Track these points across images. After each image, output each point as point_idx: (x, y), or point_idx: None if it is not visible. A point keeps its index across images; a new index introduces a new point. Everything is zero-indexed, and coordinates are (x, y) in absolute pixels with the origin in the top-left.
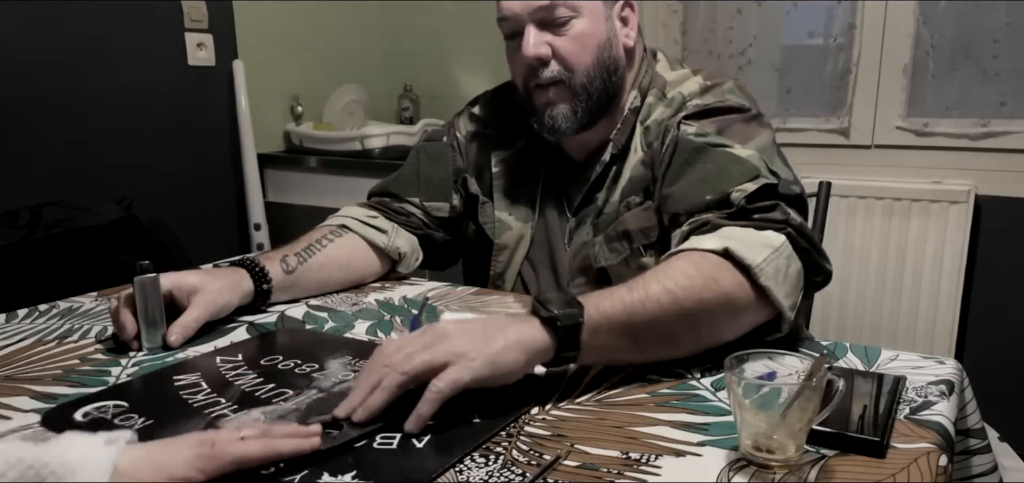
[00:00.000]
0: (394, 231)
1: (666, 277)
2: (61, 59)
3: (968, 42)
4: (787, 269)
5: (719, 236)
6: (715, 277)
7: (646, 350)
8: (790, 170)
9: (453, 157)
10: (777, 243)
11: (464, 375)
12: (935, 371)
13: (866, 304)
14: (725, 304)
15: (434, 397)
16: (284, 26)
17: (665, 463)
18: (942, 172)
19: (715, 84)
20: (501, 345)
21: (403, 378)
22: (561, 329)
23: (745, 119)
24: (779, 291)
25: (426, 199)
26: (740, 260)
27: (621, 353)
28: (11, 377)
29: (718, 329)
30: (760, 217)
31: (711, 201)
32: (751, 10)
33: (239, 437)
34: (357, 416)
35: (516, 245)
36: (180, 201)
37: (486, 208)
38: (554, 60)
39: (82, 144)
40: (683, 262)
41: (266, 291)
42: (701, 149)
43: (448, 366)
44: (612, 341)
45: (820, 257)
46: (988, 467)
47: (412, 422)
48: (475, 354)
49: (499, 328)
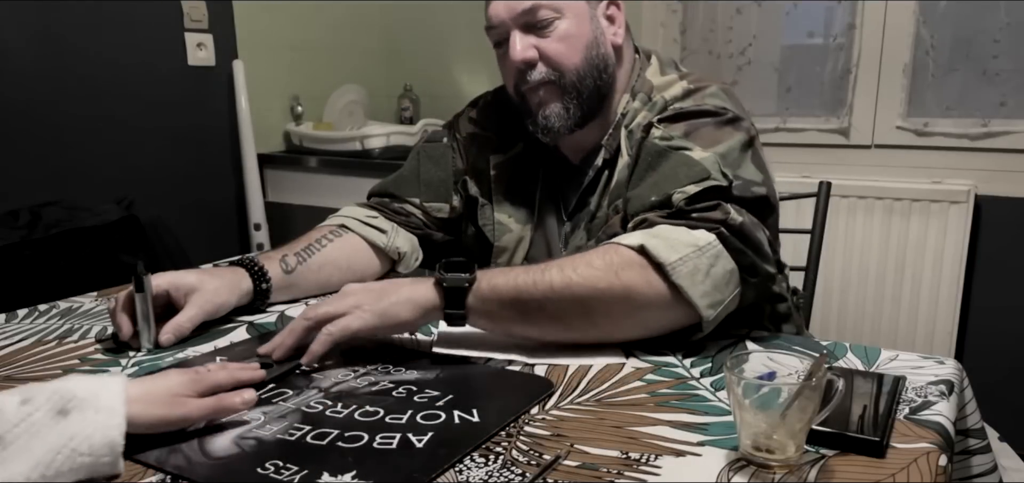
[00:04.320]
0: (394, 231)
1: (569, 265)
2: (61, 59)
3: (968, 42)
4: (709, 268)
5: (642, 234)
6: (618, 271)
7: (536, 326)
8: (762, 172)
9: (453, 158)
10: (702, 242)
11: (354, 323)
12: (935, 371)
13: (866, 304)
14: (624, 297)
15: (325, 338)
16: (284, 26)
17: (665, 463)
18: (942, 172)
19: (698, 88)
20: (392, 300)
21: (307, 323)
22: (447, 290)
23: (717, 122)
24: (694, 290)
25: (426, 200)
26: (653, 257)
27: (512, 324)
28: (11, 377)
29: (618, 321)
30: (698, 216)
31: (655, 202)
32: (751, 10)
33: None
34: (276, 355)
35: (516, 247)
36: (180, 201)
37: (485, 210)
38: (541, 62)
39: (82, 144)
40: (594, 254)
41: (265, 290)
42: (663, 153)
43: (344, 315)
44: (500, 310)
45: (757, 257)
46: (988, 467)
47: (305, 357)
48: (368, 306)
49: (395, 286)
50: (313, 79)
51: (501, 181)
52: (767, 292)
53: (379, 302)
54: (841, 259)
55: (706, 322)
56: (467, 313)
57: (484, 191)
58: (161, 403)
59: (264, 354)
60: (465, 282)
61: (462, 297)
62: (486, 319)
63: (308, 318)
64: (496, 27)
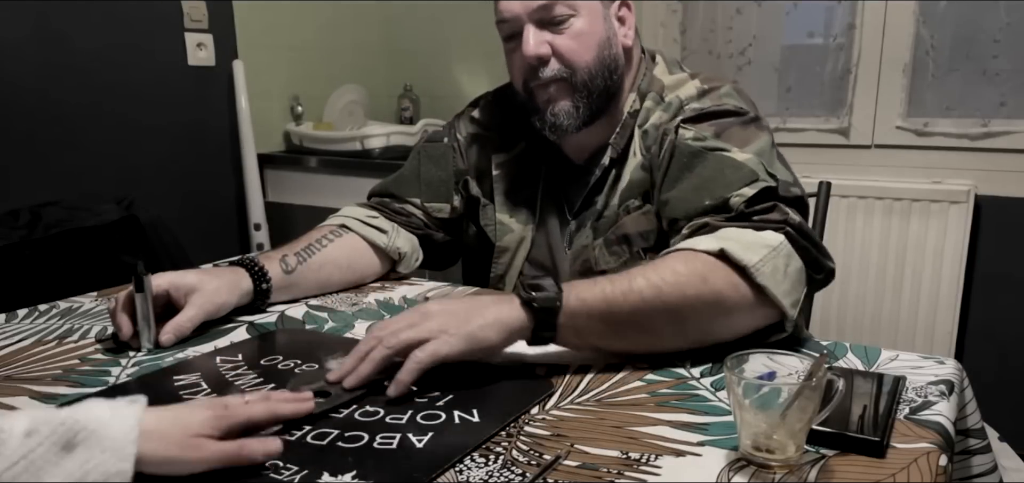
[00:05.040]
0: (394, 231)
1: (653, 272)
2: (61, 59)
3: (968, 42)
4: (786, 268)
5: (716, 237)
6: (705, 276)
7: (626, 339)
8: (789, 172)
9: (454, 158)
10: (775, 243)
11: (442, 348)
12: (935, 371)
13: (866, 304)
14: (714, 302)
15: (414, 366)
16: (284, 26)
17: (665, 463)
18: (942, 172)
19: (712, 87)
20: (479, 323)
21: (389, 351)
22: (538, 310)
23: (742, 122)
24: (777, 289)
25: (427, 200)
26: (736, 260)
27: (601, 339)
28: (11, 377)
29: (708, 326)
30: (759, 218)
31: (710, 206)
32: (751, 10)
33: (245, 402)
34: (347, 382)
35: (517, 247)
36: (180, 201)
37: (487, 210)
38: (554, 59)
39: (82, 144)
40: (674, 260)
41: (265, 291)
42: (698, 154)
43: (429, 341)
44: (590, 325)
45: (820, 254)
46: (988, 467)
47: (393, 387)
48: (454, 330)
49: (479, 307)
50: (313, 79)
51: (503, 181)
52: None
53: (466, 325)
54: (841, 259)
55: (789, 320)
56: (557, 333)
57: (486, 191)
58: (177, 443)
59: (334, 381)
60: (556, 301)
61: (553, 317)
62: (574, 336)
63: (389, 346)
64: (508, 21)
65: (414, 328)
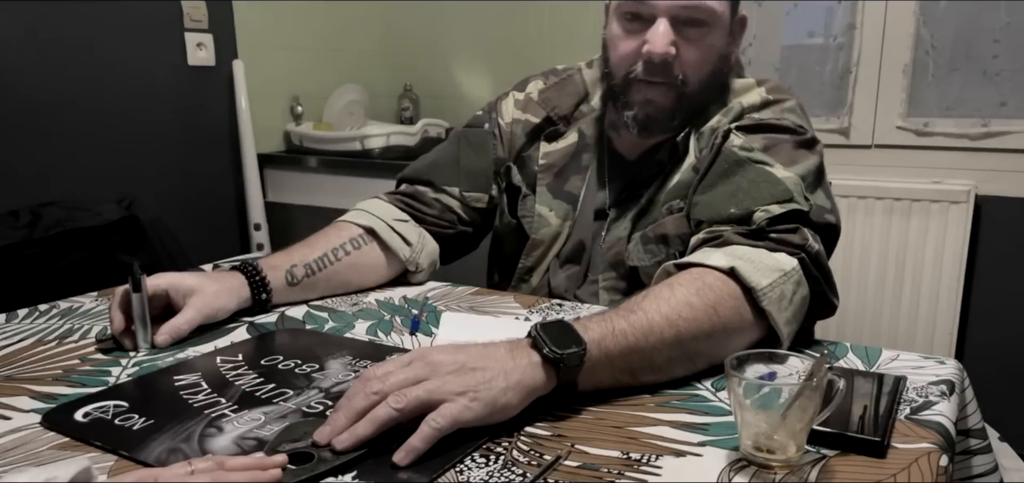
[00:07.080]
0: (420, 244)
1: (670, 308)
2: (61, 59)
3: (968, 42)
4: (792, 295)
5: (728, 254)
6: (716, 307)
7: (641, 378)
8: (829, 199)
9: (494, 146)
10: (787, 267)
11: (465, 415)
12: (935, 371)
13: (866, 304)
14: (722, 333)
15: (432, 434)
16: (284, 26)
17: (665, 463)
18: (942, 172)
19: (777, 100)
20: (502, 386)
21: (396, 413)
22: (563, 370)
23: (795, 142)
24: (780, 316)
25: (466, 189)
26: (745, 281)
27: (616, 383)
28: (11, 377)
29: (713, 357)
30: (777, 237)
31: (734, 216)
32: (751, 10)
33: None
34: (341, 443)
35: (552, 241)
36: (180, 201)
37: (527, 201)
38: (676, 62)
39: (82, 144)
40: (687, 288)
41: (264, 300)
42: (741, 163)
43: (446, 403)
44: (609, 376)
45: (829, 290)
46: (988, 467)
47: (404, 454)
48: (475, 395)
49: (498, 366)
50: (313, 79)
51: (548, 173)
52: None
53: (489, 390)
54: (841, 259)
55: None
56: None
57: (528, 181)
58: None
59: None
60: (581, 357)
61: (576, 373)
62: (590, 383)
63: (396, 407)
64: (644, 3)
65: (424, 385)
